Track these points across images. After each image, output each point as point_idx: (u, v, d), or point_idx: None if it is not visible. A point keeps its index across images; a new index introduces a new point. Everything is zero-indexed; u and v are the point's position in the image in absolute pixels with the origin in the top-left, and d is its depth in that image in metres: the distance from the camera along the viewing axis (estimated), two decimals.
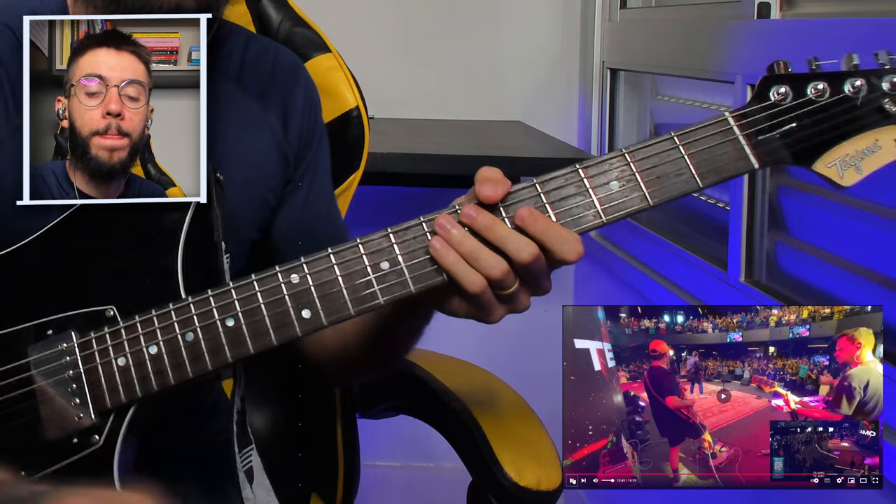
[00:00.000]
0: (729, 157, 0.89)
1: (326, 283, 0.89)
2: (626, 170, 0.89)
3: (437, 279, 0.88)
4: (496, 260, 0.87)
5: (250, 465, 1.02)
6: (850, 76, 0.89)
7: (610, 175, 0.89)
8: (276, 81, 1.13)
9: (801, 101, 0.89)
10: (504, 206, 0.88)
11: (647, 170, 0.88)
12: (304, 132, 1.13)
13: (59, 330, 0.92)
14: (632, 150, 0.89)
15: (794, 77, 0.90)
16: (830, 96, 0.89)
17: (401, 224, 0.89)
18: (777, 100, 0.89)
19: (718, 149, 0.89)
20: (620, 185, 0.88)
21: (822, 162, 0.89)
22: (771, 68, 0.91)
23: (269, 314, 0.89)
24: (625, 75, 2.33)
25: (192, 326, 0.90)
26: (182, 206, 0.94)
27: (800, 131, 0.89)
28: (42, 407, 0.91)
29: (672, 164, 0.89)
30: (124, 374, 0.90)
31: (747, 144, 0.89)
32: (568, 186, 0.89)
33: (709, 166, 0.89)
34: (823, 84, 0.89)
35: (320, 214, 1.16)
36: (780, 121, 0.89)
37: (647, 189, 0.88)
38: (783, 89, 0.89)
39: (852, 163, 0.89)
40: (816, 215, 1.52)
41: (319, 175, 1.16)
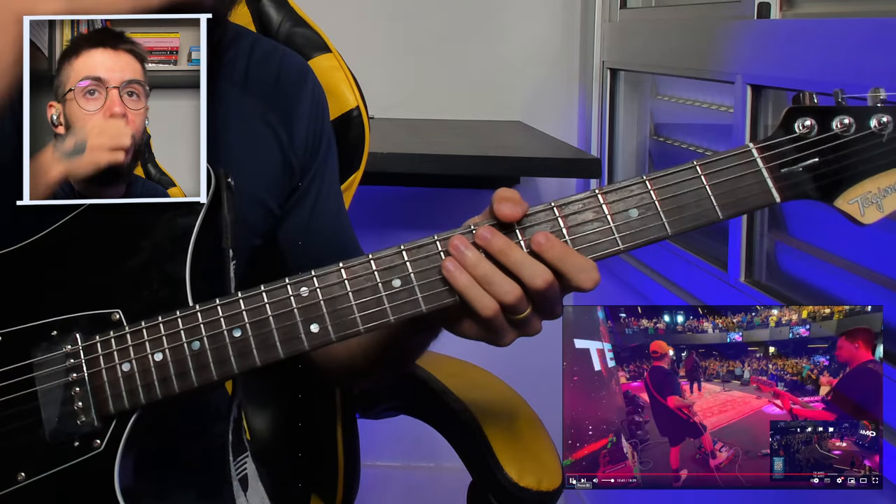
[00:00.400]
0: (751, 189, 0.87)
1: (336, 299, 0.88)
2: (646, 197, 0.87)
3: (449, 300, 0.88)
4: (510, 285, 0.86)
5: (245, 473, 1.02)
6: (877, 112, 0.87)
7: (630, 202, 0.87)
8: (282, 87, 1.12)
9: (827, 136, 0.87)
10: (521, 228, 0.87)
11: (668, 199, 0.87)
12: (310, 139, 1.13)
13: (63, 331, 0.91)
14: (652, 178, 0.87)
15: (820, 110, 0.88)
16: (856, 132, 0.87)
17: (414, 241, 0.88)
18: (802, 133, 0.87)
19: (741, 181, 0.87)
20: (640, 213, 0.87)
21: (844, 198, 0.88)
22: (796, 99, 0.89)
23: (277, 327, 0.88)
24: (625, 75, 2.33)
25: (198, 335, 0.89)
26: (191, 211, 0.93)
27: (824, 167, 0.87)
28: (44, 409, 0.90)
29: (693, 195, 0.87)
30: (128, 381, 0.89)
31: (770, 177, 0.87)
32: (586, 212, 0.88)
33: (729, 198, 0.87)
34: (850, 119, 0.87)
35: (328, 222, 1.15)
36: (804, 154, 0.87)
37: (667, 218, 0.87)
38: (808, 122, 0.87)
39: (874, 200, 0.88)
40: (816, 215, 1.52)
41: (328, 182, 1.15)
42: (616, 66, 2.33)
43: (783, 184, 0.87)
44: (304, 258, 1.09)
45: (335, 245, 1.12)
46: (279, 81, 1.12)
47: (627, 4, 2.33)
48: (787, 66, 1.47)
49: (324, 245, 1.12)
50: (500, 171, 2.12)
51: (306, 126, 1.12)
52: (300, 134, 1.11)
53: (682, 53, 1.93)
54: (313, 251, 1.11)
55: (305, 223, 1.13)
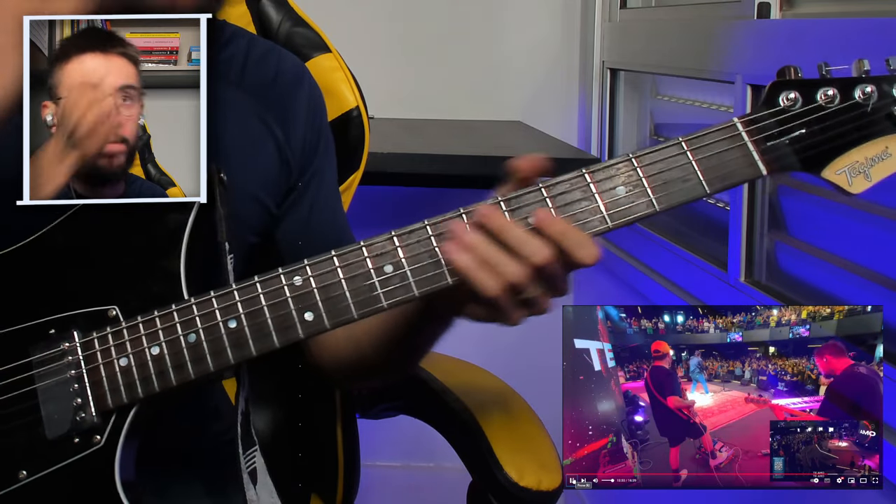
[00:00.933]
0: (737, 163, 0.88)
1: (330, 286, 0.89)
2: (632, 175, 0.88)
3: (442, 283, 0.88)
4: (513, 265, 0.85)
5: (254, 467, 1.02)
6: (861, 82, 0.88)
7: (616, 180, 0.88)
8: (278, 87, 1.12)
9: (811, 108, 0.88)
10: (510, 210, 0.88)
11: (654, 175, 0.88)
12: (307, 138, 1.13)
13: (61, 329, 0.91)
14: (639, 155, 0.88)
15: (804, 83, 0.89)
16: (840, 102, 0.88)
17: (405, 227, 0.89)
18: (786, 105, 0.88)
19: (726, 155, 0.88)
20: (627, 190, 0.88)
21: (831, 169, 0.88)
22: (780, 73, 0.90)
23: (271, 316, 0.89)
24: (625, 75, 2.33)
25: (194, 327, 0.90)
26: (185, 207, 0.93)
27: (809, 138, 0.88)
28: (43, 406, 0.91)
29: (679, 170, 0.88)
30: (126, 375, 0.90)
31: (756, 150, 0.88)
32: (574, 191, 0.88)
33: (716, 172, 0.88)
34: (833, 90, 0.88)
35: (327, 221, 1.15)
36: (789, 127, 0.88)
37: (654, 195, 0.88)
38: (792, 95, 0.88)
39: (861, 170, 0.88)
40: (816, 215, 1.52)
41: (326, 181, 1.16)
42: (616, 66, 2.33)
43: (769, 157, 0.88)
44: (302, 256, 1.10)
45: (334, 242, 1.12)
46: (276, 81, 1.12)
47: (627, 4, 2.33)
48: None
49: (323, 243, 1.12)
50: (500, 172, 2.12)
51: (303, 125, 1.12)
52: (297, 133, 1.12)
53: (682, 53, 1.93)
54: (312, 249, 1.11)
55: (304, 222, 1.13)
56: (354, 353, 1.09)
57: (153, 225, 0.93)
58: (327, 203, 1.15)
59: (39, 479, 0.90)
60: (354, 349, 1.08)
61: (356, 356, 1.09)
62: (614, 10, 2.35)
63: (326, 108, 1.19)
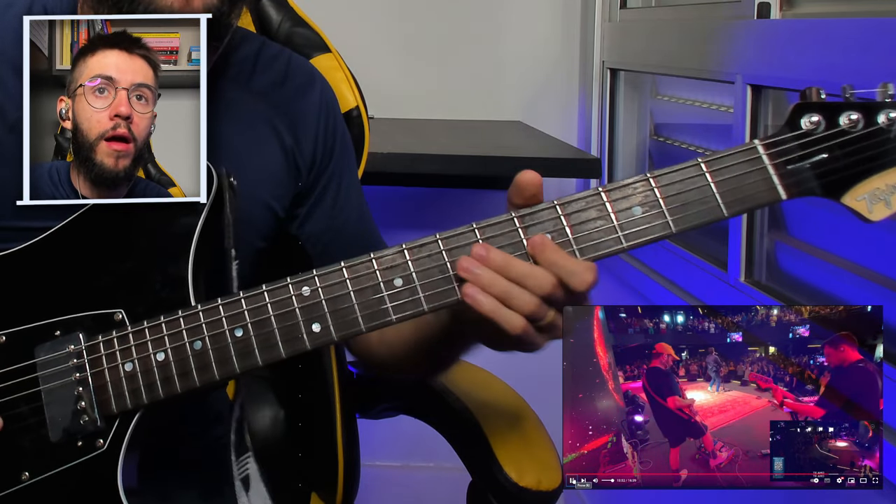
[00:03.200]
0: (756, 186, 0.86)
1: (338, 298, 0.88)
2: (650, 195, 0.87)
3: (451, 298, 0.88)
4: (528, 296, 0.86)
5: (247, 474, 1.02)
6: (885, 107, 0.86)
7: (633, 200, 0.87)
8: (288, 90, 1.12)
9: (834, 132, 0.86)
10: (523, 227, 0.87)
11: (672, 196, 0.86)
12: (321, 141, 1.13)
13: (66, 331, 0.91)
14: (656, 175, 0.87)
15: (827, 106, 0.87)
16: (864, 127, 0.86)
17: (416, 240, 0.88)
18: (808, 129, 0.86)
19: (746, 178, 0.86)
20: (643, 210, 0.87)
21: (851, 195, 0.86)
22: (803, 95, 0.87)
23: (278, 327, 0.89)
24: (625, 75, 2.33)
25: (200, 335, 0.89)
26: (193, 211, 0.93)
27: (831, 163, 0.86)
28: (47, 408, 0.90)
29: (697, 192, 0.86)
30: (131, 381, 0.90)
31: (776, 174, 0.86)
32: (589, 210, 0.87)
33: (735, 196, 0.86)
34: (857, 115, 0.86)
35: (351, 220, 1.15)
36: (810, 151, 0.86)
37: (671, 216, 0.86)
38: (815, 118, 0.86)
39: (882, 197, 0.86)
40: (816, 215, 1.52)
41: (346, 181, 1.16)
42: (616, 66, 2.33)
43: (789, 181, 0.86)
44: (330, 255, 1.10)
45: (360, 241, 1.13)
46: (285, 85, 1.12)
47: (627, 4, 2.33)
48: (787, 66, 1.47)
49: (350, 238, 1.13)
50: (500, 171, 2.12)
51: (315, 128, 1.12)
52: (308, 137, 1.11)
53: (682, 53, 1.92)
54: (338, 248, 1.12)
55: (328, 222, 1.13)
56: (388, 356, 1.11)
57: (160, 228, 0.93)
58: (350, 200, 1.16)
59: (42, 481, 0.90)
60: (388, 352, 1.09)
61: (391, 360, 1.11)
62: (614, 10, 2.35)
63: (340, 109, 1.19)
